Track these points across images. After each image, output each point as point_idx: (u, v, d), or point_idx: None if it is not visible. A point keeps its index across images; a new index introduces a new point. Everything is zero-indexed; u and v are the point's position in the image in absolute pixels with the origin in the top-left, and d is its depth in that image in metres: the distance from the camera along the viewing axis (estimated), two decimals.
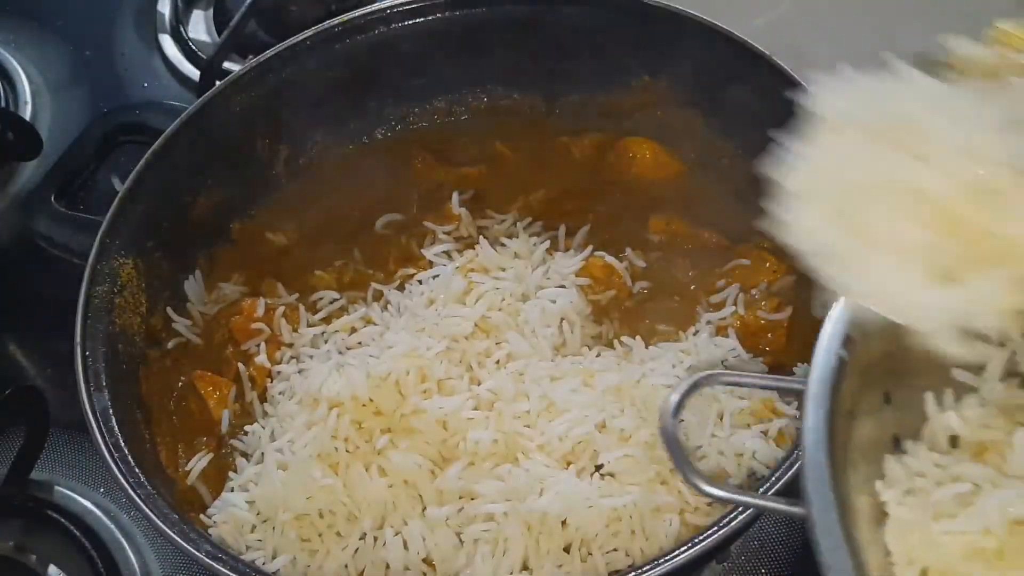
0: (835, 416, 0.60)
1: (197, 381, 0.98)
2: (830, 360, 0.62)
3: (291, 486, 0.87)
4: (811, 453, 0.59)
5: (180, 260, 1.05)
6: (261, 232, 1.10)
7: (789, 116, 0.89)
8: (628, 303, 1.00)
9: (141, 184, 1.01)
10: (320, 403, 0.90)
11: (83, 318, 0.92)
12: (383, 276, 1.05)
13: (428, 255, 1.04)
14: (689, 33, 1.04)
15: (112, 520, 1.03)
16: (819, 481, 0.58)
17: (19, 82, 1.38)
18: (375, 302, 1.02)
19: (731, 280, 0.99)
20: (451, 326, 0.93)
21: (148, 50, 1.42)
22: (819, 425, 0.60)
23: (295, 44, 1.09)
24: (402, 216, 1.10)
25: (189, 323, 1.03)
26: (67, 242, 1.10)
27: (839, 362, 0.62)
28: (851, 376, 0.62)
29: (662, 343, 0.95)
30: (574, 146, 1.13)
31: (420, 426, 0.88)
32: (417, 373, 0.90)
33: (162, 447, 0.95)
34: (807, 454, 0.59)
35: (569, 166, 1.13)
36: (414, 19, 1.10)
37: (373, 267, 1.06)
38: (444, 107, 1.18)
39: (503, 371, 0.90)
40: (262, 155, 1.12)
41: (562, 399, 0.88)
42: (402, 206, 1.10)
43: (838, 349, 0.63)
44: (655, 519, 0.83)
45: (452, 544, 0.84)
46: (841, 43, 1.45)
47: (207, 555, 0.79)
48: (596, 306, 0.99)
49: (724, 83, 1.04)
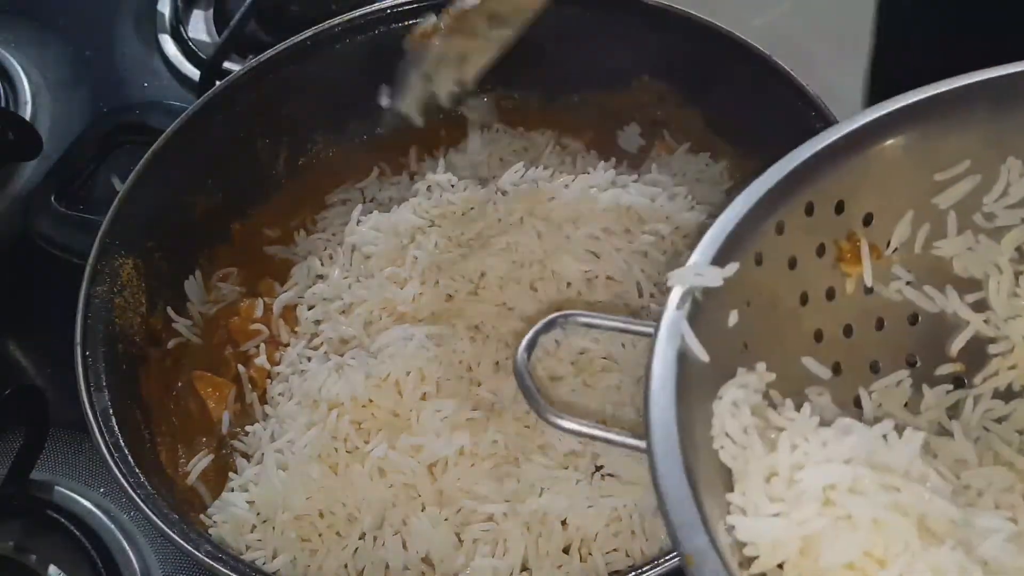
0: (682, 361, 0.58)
1: (197, 382, 0.98)
2: (683, 302, 0.60)
3: (291, 486, 0.87)
4: (656, 388, 0.57)
5: (180, 260, 1.05)
6: (261, 232, 1.10)
7: (789, 117, 0.89)
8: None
9: (141, 184, 1.01)
10: (320, 404, 0.90)
11: (83, 318, 0.92)
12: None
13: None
14: (689, 33, 1.04)
15: (112, 520, 1.02)
16: (664, 411, 0.55)
17: (19, 82, 1.38)
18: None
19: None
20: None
21: (148, 50, 1.42)
22: (668, 362, 0.57)
23: (295, 44, 1.09)
24: None
25: (189, 323, 1.03)
26: (67, 242, 1.10)
27: (693, 304, 0.59)
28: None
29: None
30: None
31: (420, 427, 0.88)
32: (416, 374, 0.90)
33: (162, 447, 0.95)
34: (652, 389, 0.57)
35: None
36: (414, 19, 1.10)
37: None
38: (444, 107, 1.18)
39: (503, 371, 0.90)
40: (262, 155, 1.12)
41: (561, 399, 0.87)
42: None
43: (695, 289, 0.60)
44: (655, 519, 0.83)
45: (451, 544, 0.84)
46: (841, 43, 1.45)
47: (207, 555, 0.79)
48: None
49: (724, 83, 1.04)
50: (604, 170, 1.04)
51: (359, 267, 1.01)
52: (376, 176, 1.13)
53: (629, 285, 0.94)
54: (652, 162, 1.08)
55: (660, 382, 0.57)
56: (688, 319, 0.59)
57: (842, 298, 0.67)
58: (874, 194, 0.66)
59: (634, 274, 0.94)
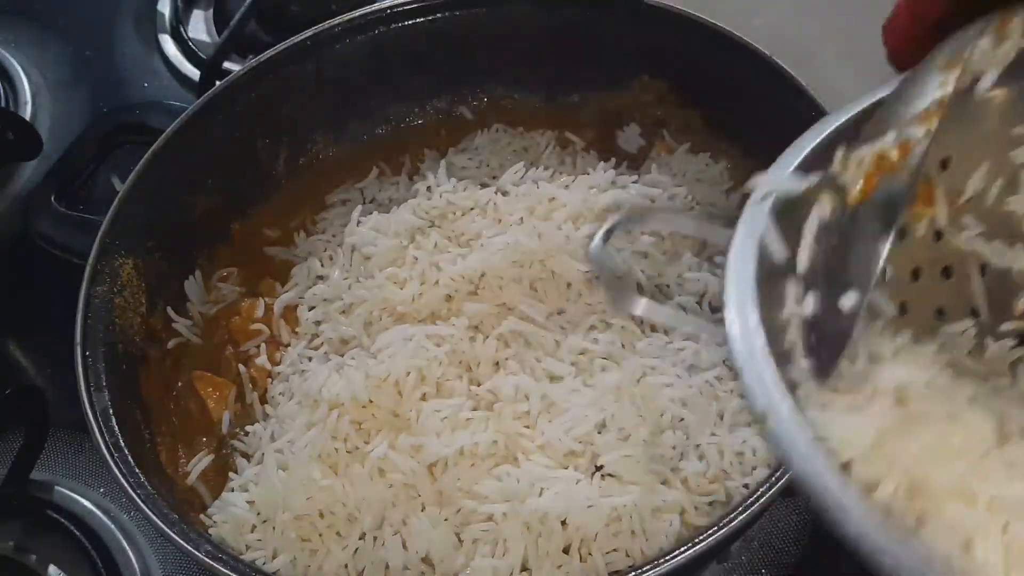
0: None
1: (197, 382, 0.98)
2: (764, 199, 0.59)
3: (291, 486, 0.87)
4: (735, 271, 0.55)
5: (180, 260, 1.05)
6: (261, 232, 1.10)
7: (789, 117, 0.89)
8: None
9: (141, 184, 1.01)
10: (320, 404, 0.90)
11: (83, 318, 0.92)
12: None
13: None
14: (689, 33, 1.04)
15: (112, 520, 1.03)
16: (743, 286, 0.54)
17: (19, 82, 1.38)
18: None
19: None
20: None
21: (148, 50, 1.42)
22: (748, 252, 0.56)
23: (295, 44, 1.09)
24: None
25: (189, 323, 1.03)
26: (67, 242, 1.10)
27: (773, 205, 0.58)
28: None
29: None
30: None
31: (420, 427, 0.88)
32: (416, 374, 0.90)
33: (162, 447, 0.95)
34: (731, 270, 0.55)
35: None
36: (414, 19, 1.10)
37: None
38: (444, 107, 1.18)
39: (502, 371, 0.90)
40: (262, 155, 1.12)
41: (562, 399, 0.88)
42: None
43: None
44: (655, 519, 0.82)
45: (451, 544, 0.84)
46: (841, 43, 1.45)
47: (207, 555, 0.79)
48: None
49: (724, 83, 1.04)
50: (604, 170, 1.04)
51: (359, 268, 1.01)
52: (376, 176, 1.13)
53: (630, 286, 0.94)
54: (652, 162, 1.08)
55: (739, 266, 0.55)
56: (771, 214, 0.58)
57: (912, 239, 0.65)
58: (956, 139, 0.64)
59: (635, 275, 0.94)
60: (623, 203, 0.97)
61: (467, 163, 1.12)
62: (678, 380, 0.88)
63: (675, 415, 0.86)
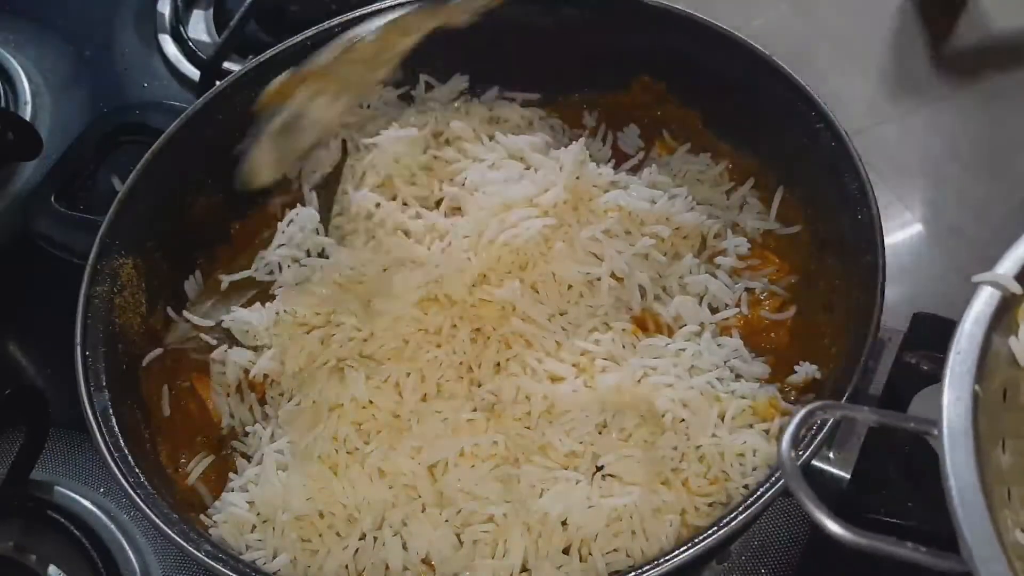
0: (979, 451, 0.54)
1: (197, 383, 0.98)
2: (965, 392, 0.56)
3: (291, 487, 0.87)
4: (961, 488, 0.52)
5: (180, 260, 1.05)
6: (261, 232, 1.10)
7: (789, 117, 0.89)
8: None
9: (141, 184, 1.01)
10: (320, 405, 0.90)
11: (83, 318, 0.92)
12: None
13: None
14: (689, 33, 1.04)
15: (112, 520, 1.03)
16: (977, 522, 0.51)
17: (19, 82, 1.38)
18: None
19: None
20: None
21: (148, 50, 1.43)
22: (968, 459, 0.53)
23: (295, 44, 1.09)
24: None
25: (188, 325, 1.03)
26: (67, 242, 1.10)
27: (974, 397, 0.56)
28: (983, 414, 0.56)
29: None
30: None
31: (420, 427, 0.88)
32: (417, 375, 0.90)
33: (162, 447, 0.95)
34: (955, 491, 0.52)
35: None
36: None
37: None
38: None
39: (503, 372, 0.90)
40: None
41: (562, 400, 0.87)
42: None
43: (972, 384, 0.56)
44: (655, 519, 0.82)
45: (451, 545, 0.84)
46: (841, 43, 1.45)
47: (207, 555, 0.79)
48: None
49: (724, 83, 1.04)
50: (604, 170, 1.04)
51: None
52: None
53: (631, 287, 0.94)
54: (652, 162, 1.08)
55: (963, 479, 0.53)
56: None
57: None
58: None
59: (636, 276, 0.94)
60: (623, 203, 0.97)
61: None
62: (679, 381, 0.88)
63: (675, 416, 0.86)
